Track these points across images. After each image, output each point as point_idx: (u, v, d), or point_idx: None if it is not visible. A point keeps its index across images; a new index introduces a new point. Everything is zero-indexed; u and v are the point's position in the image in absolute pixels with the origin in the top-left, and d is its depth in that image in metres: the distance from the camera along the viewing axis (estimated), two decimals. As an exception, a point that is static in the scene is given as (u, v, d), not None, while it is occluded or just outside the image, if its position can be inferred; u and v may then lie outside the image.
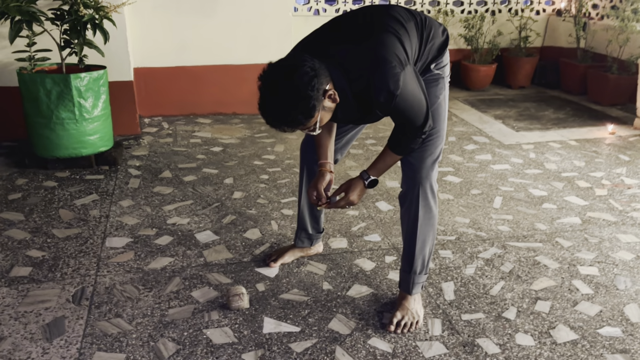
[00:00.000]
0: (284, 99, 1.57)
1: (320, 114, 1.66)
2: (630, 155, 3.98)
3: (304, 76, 1.55)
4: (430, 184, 1.99)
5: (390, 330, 2.02)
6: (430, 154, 1.96)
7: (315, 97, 1.58)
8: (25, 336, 1.93)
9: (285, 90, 1.57)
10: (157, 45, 4.39)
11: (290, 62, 1.60)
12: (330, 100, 1.67)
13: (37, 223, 2.73)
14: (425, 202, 2.00)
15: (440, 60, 1.96)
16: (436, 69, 1.95)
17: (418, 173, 1.97)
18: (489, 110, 5.11)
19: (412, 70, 1.74)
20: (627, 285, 2.38)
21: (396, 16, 1.80)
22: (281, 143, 4.04)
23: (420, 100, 1.76)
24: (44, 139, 3.29)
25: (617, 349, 1.98)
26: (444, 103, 2.00)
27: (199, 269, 2.40)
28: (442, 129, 1.99)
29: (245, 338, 1.97)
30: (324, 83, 1.62)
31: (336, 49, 1.72)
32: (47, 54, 3.36)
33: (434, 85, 1.96)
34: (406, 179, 2.02)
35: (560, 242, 2.73)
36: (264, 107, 1.60)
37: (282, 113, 1.59)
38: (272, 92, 1.58)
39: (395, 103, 1.68)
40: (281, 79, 1.57)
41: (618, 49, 5.31)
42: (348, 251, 2.59)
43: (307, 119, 1.61)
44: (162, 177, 3.35)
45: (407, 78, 1.69)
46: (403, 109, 1.73)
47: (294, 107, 1.57)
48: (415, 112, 1.77)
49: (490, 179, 3.49)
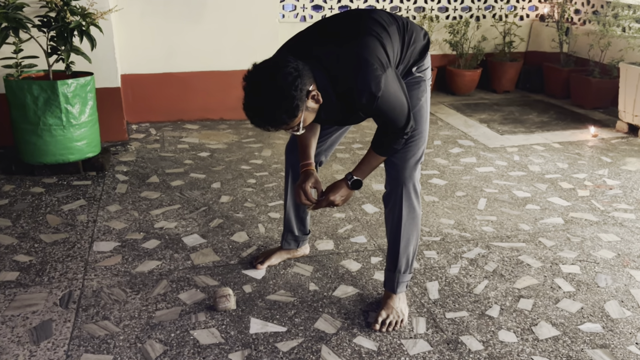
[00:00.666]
0: (268, 99, 1.60)
1: (303, 114, 1.69)
2: (612, 157, 4.05)
3: (287, 76, 1.59)
4: (414, 184, 2.03)
5: (376, 329, 2.05)
6: (412, 155, 2.00)
7: (299, 97, 1.61)
8: (12, 339, 1.94)
9: (269, 90, 1.60)
10: (145, 52, 4.41)
11: (274, 62, 1.64)
12: (314, 101, 1.71)
13: (24, 228, 2.74)
14: (409, 202, 2.04)
15: (422, 63, 2.00)
16: (418, 72, 1.99)
17: (401, 173, 2.01)
18: (474, 115, 5.18)
19: (393, 73, 1.78)
20: (607, 283, 2.43)
21: (379, 20, 1.84)
22: (268, 148, 4.06)
23: (401, 102, 1.80)
24: (31, 145, 3.30)
25: (597, 344, 2.02)
26: (426, 105, 2.04)
27: (186, 271, 2.41)
28: (424, 130, 2.03)
29: (232, 338, 1.99)
30: (308, 84, 1.66)
31: (320, 50, 1.75)
32: (34, 61, 3.37)
33: (416, 87, 2.00)
34: (390, 180, 2.06)
35: (543, 241, 2.78)
36: (248, 106, 1.64)
37: (266, 113, 1.62)
38: (256, 92, 1.62)
39: (377, 104, 1.72)
40: (265, 80, 1.61)
41: (600, 53, 5.40)
42: (334, 253, 2.62)
43: (290, 118, 1.64)
44: (150, 182, 3.36)
45: (388, 80, 1.73)
46: (385, 110, 1.77)
47: (277, 106, 1.60)
48: (397, 114, 1.81)
49: (475, 181, 3.54)
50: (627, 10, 5.28)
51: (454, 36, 5.80)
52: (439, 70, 5.93)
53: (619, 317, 2.19)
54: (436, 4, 5.92)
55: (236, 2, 4.48)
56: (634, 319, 2.18)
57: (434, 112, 5.16)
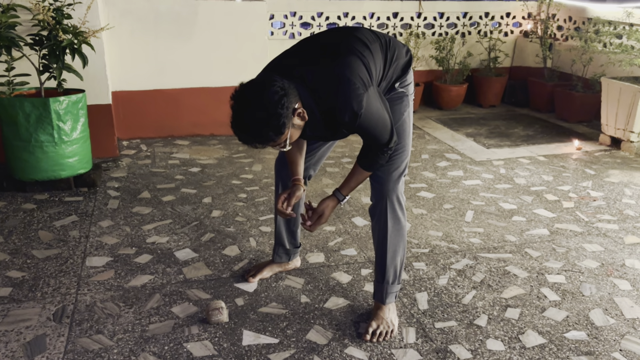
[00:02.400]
0: (255, 117, 1.65)
1: (290, 131, 1.73)
2: (596, 169, 4.13)
3: (274, 95, 1.64)
4: (397, 196, 2.08)
5: (366, 340, 2.09)
6: (396, 168, 2.06)
7: (285, 115, 1.66)
8: (6, 354, 1.96)
9: (256, 108, 1.64)
10: (135, 69, 4.46)
11: (260, 82, 1.69)
12: (300, 118, 1.76)
13: (16, 244, 2.76)
14: (394, 214, 2.09)
15: (405, 79, 2.06)
16: (400, 88, 2.05)
17: (385, 186, 2.06)
18: (461, 129, 5.26)
19: (375, 91, 1.83)
20: (592, 292, 2.48)
21: (361, 38, 1.90)
22: (259, 163, 4.11)
23: (384, 119, 1.86)
24: (22, 161, 3.32)
25: (582, 352, 2.07)
26: (409, 119, 2.09)
27: (179, 285, 2.44)
28: (407, 144, 2.08)
29: (225, 350, 2.02)
30: (293, 102, 1.71)
31: (303, 69, 1.80)
32: (25, 79, 3.40)
33: (399, 102, 2.05)
34: (374, 193, 2.11)
35: (529, 252, 2.83)
36: (236, 124, 1.68)
37: (252, 130, 1.67)
38: (243, 110, 1.67)
39: (360, 122, 1.78)
40: (252, 98, 1.66)
41: (582, 68, 5.52)
42: (325, 265, 2.66)
43: (277, 135, 1.69)
44: (141, 198, 3.39)
45: (370, 99, 1.78)
46: (367, 127, 1.83)
47: (264, 124, 1.65)
48: (379, 130, 1.86)
49: (462, 194, 3.61)
50: (608, 26, 5.43)
51: (440, 52, 5.90)
52: (425, 86, 6.03)
53: (604, 324, 2.24)
54: (422, 21, 6.03)
55: (225, 20, 4.55)
56: (618, 326, 2.23)
57: (421, 127, 5.24)
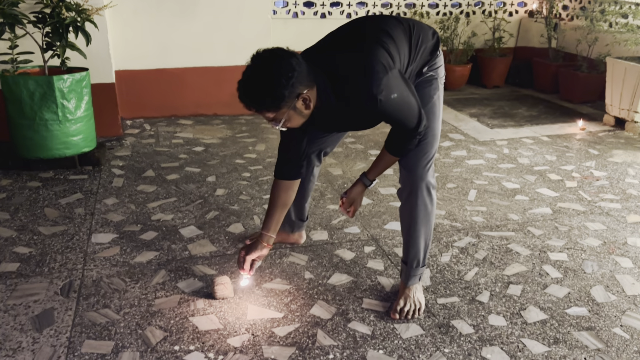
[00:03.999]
0: (259, 77, 1.65)
1: (289, 113, 1.71)
2: (599, 149, 4.13)
3: (284, 66, 1.64)
4: (427, 183, 2.03)
5: (395, 318, 2.10)
6: (425, 154, 2.00)
7: (287, 90, 1.64)
8: (15, 327, 1.99)
9: (263, 70, 1.65)
10: (138, 48, 4.45)
11: (279, 51, 1.69)
12: (304, 105, 1.73)
13: (22, 221, 2.78)
14: (423, 202, 2.05)
15: (434, 62, 2.02)
16: (430, 71, 2.01)
17: (414, 173, 2.02)
18: (465, 109, 5.25)
19: (398, 74, 1.78)
20: (593, 269, 2.50)
21: (383, 27, 1.87)
22: (262, 142, 4.12)
23: (409, 102, 1.81)
24: (27, 140, 3.33)
25: (583, 327, 2.10)
26: (439, 103, 2.05)
27: (184, 261, 2.47)
28: (437, 128, 2.03)
29: (231, 324, 2.05)
30: (303, 85, 1.69)
31: (326, 60, 1.79)
32: (29, 57, 3.40)
33: (428, 85, 2.01)
34: (403, 179, 2.07)
35: (532, 230, 2.85)
36: (241, 80, 1.68)
37: (252, 89, 1.66)
38: (252, 68, 1.66)
39: (381, 106, 1.73)
40: (265, 60, 1.66)
41: (587, 48, 5.49)
42: (328, 242, 2.68)
43: (273, 104, 1.67)
44: (146, 176, 3.41)
45: (391, 81, 1.74)
46: (391, 112, 1.78)
47: (263, 87, 1.64)
48: (405, 114, 1.82)
49: (465, 173, 3.61)
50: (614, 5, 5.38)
51: (444, 32, 5.87)
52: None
53: (605, 301, 2.27)
54: (426, 0, 5.99)
55: (229, -1, 4.53)
56: (619, 302, 2.25)
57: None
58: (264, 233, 2.11)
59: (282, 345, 1.94)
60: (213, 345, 1.93)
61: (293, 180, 2.10)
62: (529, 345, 1.98)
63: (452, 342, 1.99)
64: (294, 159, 2.08)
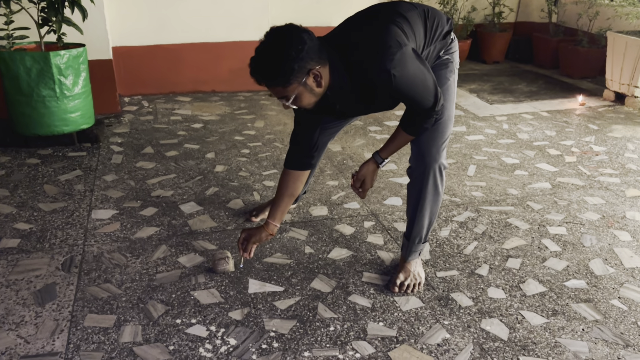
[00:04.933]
0: (269, 51, 1.64)
1: (299, 90, 1.69)
2: (599, 124, 4.13)
3: (295, 40, 1.62)
4: (440, 165, 2.01)
5: (395, 291, 2.12)
6: (440, 134, 1.98)
7: (296, 62, 1.62)
8: (17, 302, 2.00)
9: (274, 44, 1.64)
10: (135, 24, 4.40)
11: (292, 27, 1.67)
12: (315, 83, 1.71)
13: (22, 198, 2.78)
14: (434, 183, 2.04)
15: (450, 47, 2.02)
16: (446, 55, 2.01)
17: (427, 154, 1.99)
18: (464, 85, 5.22)
19: (412, 51, 1.74)
20: (592, 243, 2.51)
21: (398, 10, 1.86)
22: (261, 119, 4.10)
23: (424, 79, 1.77)
24: (25, 117, 3.31)
25: (581, 299, 2.11)
26: (454, 85, 2.03)
27: (185, 237, 2.47)
28: (452, 109, 2.02)
29: (232, 298, 2.06)
30: (314, 61, 1.67)
31: (340, 40, 1.78)
32: (25, 32, 3.36)
33: (444, 68, 2.00)
34: (415, 159, 2.04)
35: (531, 205, 2.86)
36: (253, 57, 1.67)
37: (262, 63, 1.65)
38: (264, 43, 1.65)
39: (396, 82, 1.70)
40: (276, 35, 1.64)
41: (588, 23, 5.45)
42: (328, 218, 2.68)
43: (282, 78, 1.65)
44: (145, 153, 3.40)
45: (405, 57, 1.70)
46: (407, 88, 1.75)
47: (272, 61, 1.63)
48: (420, 92, 1.79)
49: (464, 149, 3.61)
50: (616, -21, 5.32)
51: (444, 7, 5.81)
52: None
53: (603, 273, 2.28)
54: (426, -26, 5.92)
55: (226, -27, 4.47)
56: (617, 275, 2.27)
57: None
58: (269, 221, 2.10)
59: (283, 318, 1.96)
60: (214, 318, 1.94)
61: (302, 171, 2.09)
62: (527, 317, 2.00)
63: (451, 314, 2.01)
64: (305, 149, 2.07)
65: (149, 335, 1.85)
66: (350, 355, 1.79)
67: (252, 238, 2.11)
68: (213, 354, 1.77)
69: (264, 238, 2.11)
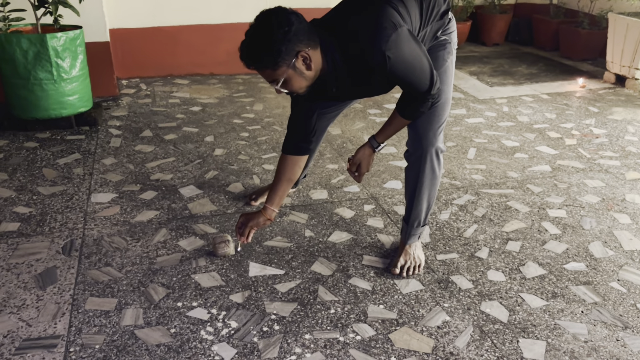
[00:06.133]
0: (257, 34, 1.63)
1: (289, 72, 1.67)
2: (599, 107, 4.11)
3: (281, 20, 1.60)
4: (437, 148, 2.00)
5: (395, 273, 2.12)
6: (436, 118, 1.96)
7: (283, 43, 1.60)
8: (18, 285, 2.00)
9: (261, 26, 1.62)
10: (132, 6, 4.35)
11: (280, 8, 1.65)
12: (304, 65, 1.68)
13: (21, 182, 2.77)
14: (431, 166, 2.03)
15: (447, 27, 1.98)
16: (443, 35, 1.97)
17: (424, 138, 1.98)
18: (464, 67, 5.19)
19: (407, 33, 1.71)
20: (592, 225, 2.52)
21: None
22: (260, 102, 4.08)
23: (420, 62, 1.73)
24: (22, 100, 3.29)
25: (581, 282, 2.12)
26: (451, 67, 2.00)
27: (185, 220, 2.47)
28: (449, 92, 1.99)
29: (232, 281, 2.06)
30: (303, 43, 1.64)
31: (333, 21, 1.75)
32: (21, 14, 3.32)
33: (442, 49, 1.97)
34: (412, 142, 2.03)
35: (531, 188, 2.86)
36: (242, 41, 1.65)
37: (249, 47, 1.64)
38: (252, 26, 1.64)
39: (391, 64, 1.67)
40: (264, 17, 1.63)
41: (589, 4, 5.40)
42: (328, 201, 2.68)
43: (270, 60, 1.63)
44: (143, 136, 3.38)
45: (401, 38, 1.67)
46: (402, 71, 1.72)
47: (260, 43, 1.62)
48: (417, 75, 1.76)
49: (464, 131, 3.60)
50: (617, -41, 5.27)
51: (444, -12, 5.76)
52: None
53: (602, 256, 2.29)
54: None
55: (224, -46, 4.41)
56: (616, 258, 2.28)
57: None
58: (267, 206, 2.10)
59: (283, 301, 1.96)
60: (215, 301, 1.95)
61: (300, 156, 2.08)
62: (527, 300, 2.01)
63: (451, 297, 2.01)
64: (303, 134, 2.06)
65: (150, 318, 1.86)
66: (351, 337, 1.80)
67: (249, 222, 2.10)
68: (214, 337, 1.78)
69: (261, 223, 2.10)
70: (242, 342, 1.76)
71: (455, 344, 1.79)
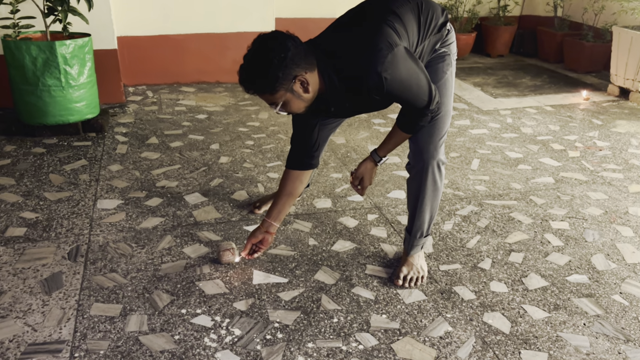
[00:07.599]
0: (254, 59, 1.65)
1: (287, 96, 1.69)
2: (603, 119, 4.13)
3: (278, 47, 1.62)
4: (438, 161, 2.01)
5: (398, 284, 2.13)
6: (437, 131, 1.97)
7: (280, 69, 1.62)
8: (24, 290, 2.02)
9: (258, 52, 1.64)
10: (140, 14, 4.40)
11: (278, 33, 1.67)
12: (302, 88, 1.70)
13: (28, 187, 2.80)
14: (433, 179, 2.04)
15: (446, 39, 1.99)
16: (442, 47, 1.98)
17: (425, 151, 1.99)
18: (468, 78, 5.22)
19: (404, 51, 1.71)
20: (594, 238, 2.53)
21: (389, 5, 1.82)
22: (265, 111, 4.11)
23: (417, 79, 1.74)
24: (30, 106, 3.32)
25: (583, 294, 2.13)
26: (451, 79, 2.01)
27: (189, 227, 2.49)
28: (449, 104, 2.00)
29: (236, 289, 2.08)
30: (300, 67, 1.66)
31: (329, 42, 1.77)
32: (30, 21, 3.37)
33: (441, 61, 1.98)
34: (413, 155, 2.04)
35: (534, 199, 2.87)
36: (241, 65, 1.68)
37: (248, 72, 1.66)
38: (250, 51, 1.66)
39: (388, 85, 1.67)
40: (261, 43, 1.65)
41: (594, 17, 5.43)
42: (332, 210, 2.70)
43: (268, 86, 1.65)
44: (149, 143, 3.41)
45: (397, 58, 1.68)
46: (399, 90, 1.73)
47: (257, 69, 1.64)
48: (414, 92, 1.76)
49: (468, 142, 3.62)
50: (622, -27, 5.30)
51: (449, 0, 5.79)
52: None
53: (605, 269, 2.30)
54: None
55: (231, -37, 4.46)
56: (619, 270, 2.28)
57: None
58: (265, 219, 2.15)
59: (287, 309, 1.98)
60: (219, 309, 1.96)
61: (303, 171, 2.11)
62: (529, 311, 2.02)
63: (454, 308, 2.02)
64: (305, 149, 2.09)
65: (154, 324, 1.87)
66: (354, 346, 1.81)
67: (251, 237, 2.16)
68: (218, 344, 1.79)
69: (260, 238, 2.15)
70: (245, 350, 1.78)
71: (458, 355, 1.80)
